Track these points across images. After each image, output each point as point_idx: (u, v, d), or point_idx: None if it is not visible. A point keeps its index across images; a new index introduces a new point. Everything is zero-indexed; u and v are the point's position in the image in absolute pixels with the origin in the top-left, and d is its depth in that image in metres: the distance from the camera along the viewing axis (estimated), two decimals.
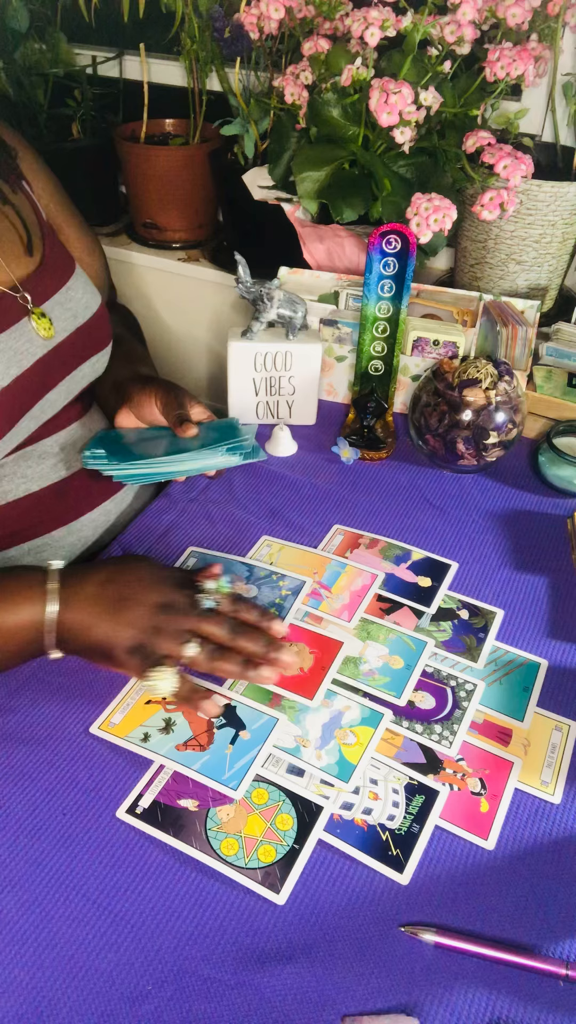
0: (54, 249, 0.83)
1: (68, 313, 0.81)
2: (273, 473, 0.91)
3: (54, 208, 0.87)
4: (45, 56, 1.32)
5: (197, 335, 1.49)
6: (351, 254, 1.10)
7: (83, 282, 0.85)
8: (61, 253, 0.84)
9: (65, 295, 0.81)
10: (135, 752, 0.61)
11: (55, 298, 0.80)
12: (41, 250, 0.81)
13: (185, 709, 0.64)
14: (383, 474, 0.92)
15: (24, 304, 0.76)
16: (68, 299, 0.81)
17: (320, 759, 0.61)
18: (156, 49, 1.28)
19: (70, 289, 0.82)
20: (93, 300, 0.85)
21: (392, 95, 0.90)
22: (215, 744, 0.61)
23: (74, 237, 0.89)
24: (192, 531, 0.83)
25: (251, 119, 1.15)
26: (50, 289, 0.80)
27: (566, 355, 1.02)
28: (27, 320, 0.76)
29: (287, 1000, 0.49)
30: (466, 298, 1.06)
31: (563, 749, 0.63)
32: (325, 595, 0.75)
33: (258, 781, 0.59)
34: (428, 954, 0.51)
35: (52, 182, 0.88)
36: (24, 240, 0.79)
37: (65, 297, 0.81)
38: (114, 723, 0.63)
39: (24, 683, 0.67)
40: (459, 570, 0.79)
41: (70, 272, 0.83)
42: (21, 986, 0.49)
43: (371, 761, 0.61)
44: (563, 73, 1.08)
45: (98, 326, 0.85)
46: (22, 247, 0.78)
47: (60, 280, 0.81)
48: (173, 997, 0.49)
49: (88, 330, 0.83)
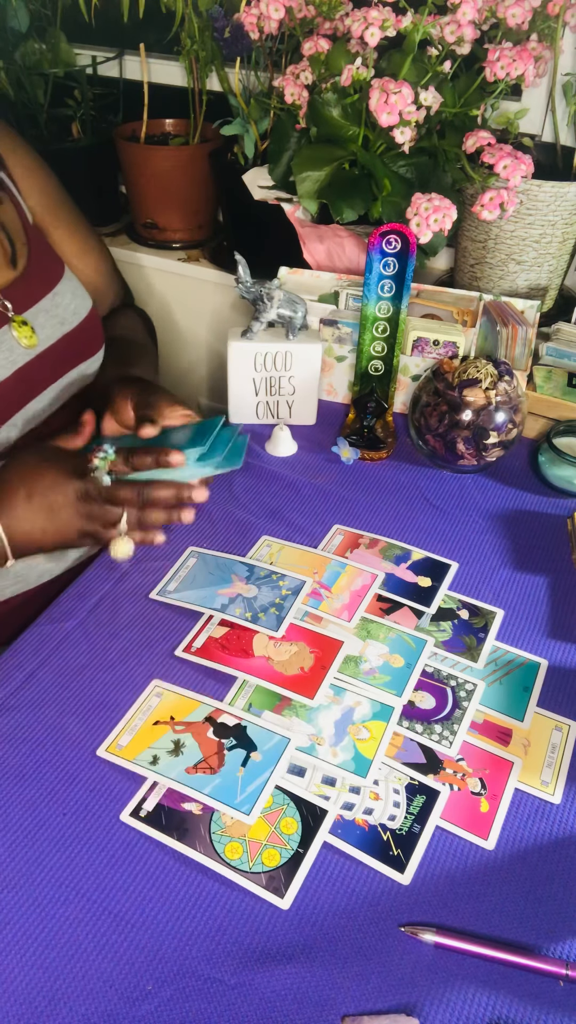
0: (40, 254, 0.82)
1: (54, 320, 0.80)
2: (273, 473, 0.91)
3: (43, 209, 0.86)
4: (45, 56, 1.32)
5: (197, 335, 1.49)
6: (351, 254, 1.10)
7: (72, 287, 0.83)
8: (48, 258, 0.83)
9: (51, 301, 0.80)
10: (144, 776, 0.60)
11: (40, 305, 0.79)
12: (25, 257, 0.80)
13: (193, 731, 0.63)
14: (383, 474, 0.92)
15: (4, 312, 0.75)
16: (55, 305, 0.80)
17: (336, 756, 0.61)
18: (156, 49, 1.28)
19: (57, 295, 0.81)
20: (82, 305, 0.84)
21: (392, 95, 0.90)
22: (226, 767, 0.60)
23: (65, 239, 0.88)
24: (192, 531, 0.83)
25: (251, 119, 1.15)
26: (35, 296, 0.79)
27: (566, 355, 1.02)
28: (7, 328, 0.75)
29: (287, 1000, 0.49)
30: (466, 298, 1.06)
31: (563, 749, 0.63)
32: (325, 595, 0.75)
33: None
34: (428, 954, 0.51)
35: (44, 181, 0.86)
36: (7, 251, 0.78)
37: (51, 303, 0.80)
38: (121, 745, 0.62)
39: (25, 683, 0.67)
40: (459, 570, 0.79)
41: (57, 278, 0.82)
42: (21, 986, 0.49)
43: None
44: (563, 73, 1.08)
45: (88, 332, 0.84)
46: (3, 257, 0.77)
47: (46, 286, 0.80)
48: (173, 997, 0.49)
49: (77, 336, 0.82)
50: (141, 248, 1.41)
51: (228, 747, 0.62)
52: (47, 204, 0.86)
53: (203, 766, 0.60)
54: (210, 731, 0.63)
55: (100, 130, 1.38)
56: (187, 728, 0.63)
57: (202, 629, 0.72)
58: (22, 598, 0.82)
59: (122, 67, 1.39)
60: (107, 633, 0.72)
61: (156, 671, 0.68)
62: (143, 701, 0.65)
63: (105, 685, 0.67)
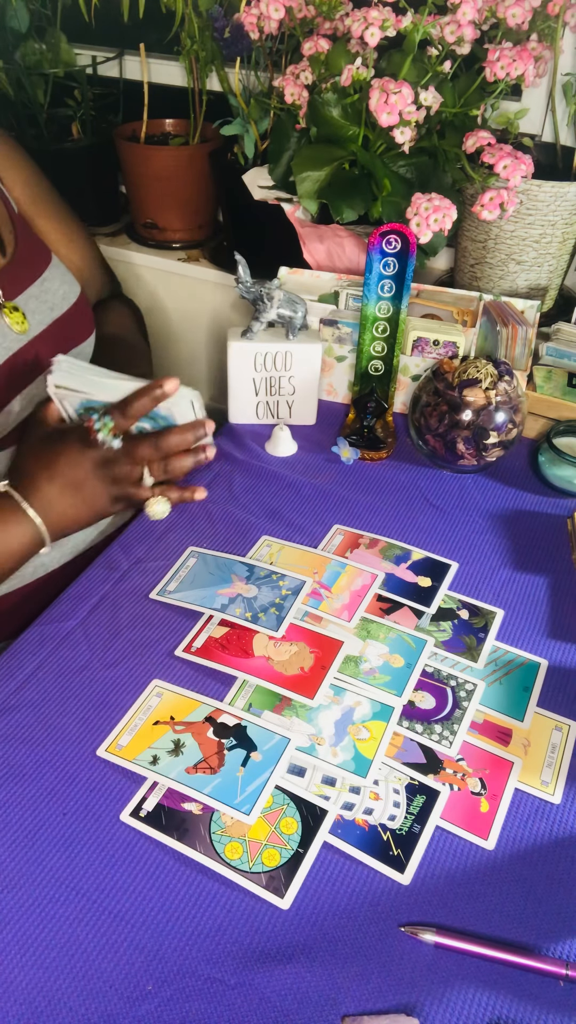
0: (27, 242, 0.82)
1: (44, 306, 0.80)
2: (273, 473, 0.91)
3: (27, 200, 0.87)
4: (45, 56, 1.32)
5: (197, 335, 1.49)
6: (351, 254, 1.10)
7: (60, 273, 0.84)
8: (35, 245, 0.84)
9: (40, 287, 0.81)
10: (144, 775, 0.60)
11: (29, 291, 0.79)
12: (13, 245, 0.80)
13: (193, 731, 0.63)
14: (383, 474, 0.92)
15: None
16: (44, 291, 0.81)
17: (336, 756, 0.61)
18: (156, 49, 1.28)
19: (46, 281, 0.81)
20: (71, 291, 0.85)
21: (392, 95, 0.90)
22: (226, 767, 0.60)
23: (50, 228, 0.89)
24: (192, 531, 0.83)
25: (251, 119, 1.15)
26: (24, 282, 0.79)
27: (566, 355, 1.02)
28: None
29: (287, 1000, 0.49)
30: (466, 298, 1.06)
31: (563, 749, 0.63)
32: (325, 595, 0.75)
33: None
34: (428, 954, 0.51)
35: (27, 172, 0.87)
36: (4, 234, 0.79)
37: (40, 289, 0.81)
38: (121, 745, 0.62)
39: (25, 683, 0.67)
40: (459, 570, 0.79)
41: (45, 264, 0.83)
42: (21, 986, 0.49)
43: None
44: (563, 73, 1.08)
45: (77, 317, 0.85)
46: None
47: (34, 273, 0.81)
48: (173, 997, 0.49)
49: (67, 321, 0.83)
50: (141, 248, 1.41)
51: (228, 747, 0.62)
52: (31, 195, 0.87)
53: (203, 766, 0.60)
54: (210, 731, 0.63)
55: (100, 130, 1.38)
56: (187, 728, 0.63)
57: (202, 629, 0.72)
58: (21, 595, 0.82)
59: (122, 67, 1.39)
60: (107, 633, 0.72)
61: (156, 671, 0.68)
62: (143, 701, 0.65)
63: (105, 685, 0.67)
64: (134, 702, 0.65)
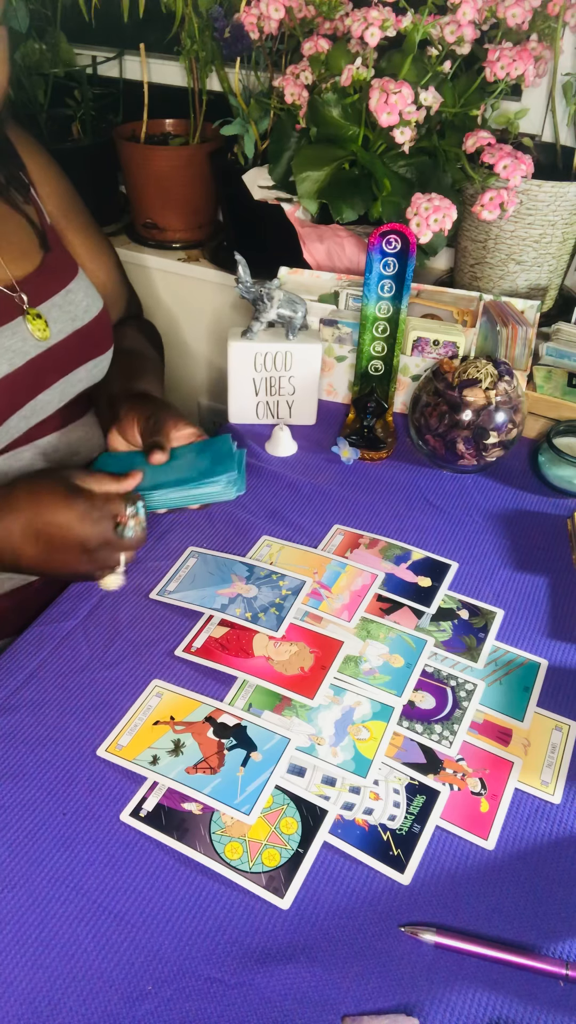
0: (56, 252, 0.83)
1: (67, 315, 0.81)
2: (273, 473, 0.91)
3: (58, 212, 0.88)
4: (45, 56, 1.32)
5: (197, 335, 1.49)
6: (351, 254, 1.10)
7: (84, 286, 0.85)
8: (64, 256, 0.85)
9: (64, 297, 0.81)
10: (144, 775, 0.60)
11: (53, 300, 0.80)
12: (42, 253, 0.81)
13: (193, 731, 0.63)
14: (383, 474, 0.92)
15: (20, 304, 0.77)
16: (68, 301, 0.81)
17: (336, 756, 0.61)
18: (156, 49, 1.28)
19: (70, 292, 0.82)
20: (94, 304, 0.85)
21: (392, 95, 0.90)
22: (226, 767, 0.60)
23: (78, 242, 0.90)
24: (192, 531, 0.83)
25: (251, 119, 1.15)
26: (49, 290, 0.80)
27: (566, 355, 1.02)
28: (21, 320, 0.76)
29: (287, 1000, 0.49)
30: (466, 298, 1.06)
31: (563, 749, 0.63)
32: (325, 595, 0.75)
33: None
34: (428, 954, 0.51)
35: (61, 186, 0.89)
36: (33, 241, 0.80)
37: (64, 300, 0.81)
38: (121, 745, 0.62)
39: (25, 683, 0.67)
40: (459, 570, 0.79)
41: (71, 275, 0.84)
42: (21, 986, 0.49)
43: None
44: (563, 73, 1.08)
45: (98, 330, 0.85)
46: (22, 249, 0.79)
47: (61, 282, 0.82)
48: (173, 997, 0.49)
49: (87, 333, 0.83)
50: (141, 248, 1.41)
51: (228, 747, 0.62)
52: (62, 207, 0.88)
53: (203, 766, 0.60)
54: (210, 731, 0.63)
55: (100, 130, 1.38)
56: (187, 728, 0.63)
57: (202, 629, 0.72)
58: (21, 595, 0.82)
59: (122, 67, 1.39)
60: (107, 633, 0.72)
61: (156, 671, 0.68)
62: (143, 701, 0.65)
63: (105, 685, 0.67)
64: (134, 702, 0.65)
